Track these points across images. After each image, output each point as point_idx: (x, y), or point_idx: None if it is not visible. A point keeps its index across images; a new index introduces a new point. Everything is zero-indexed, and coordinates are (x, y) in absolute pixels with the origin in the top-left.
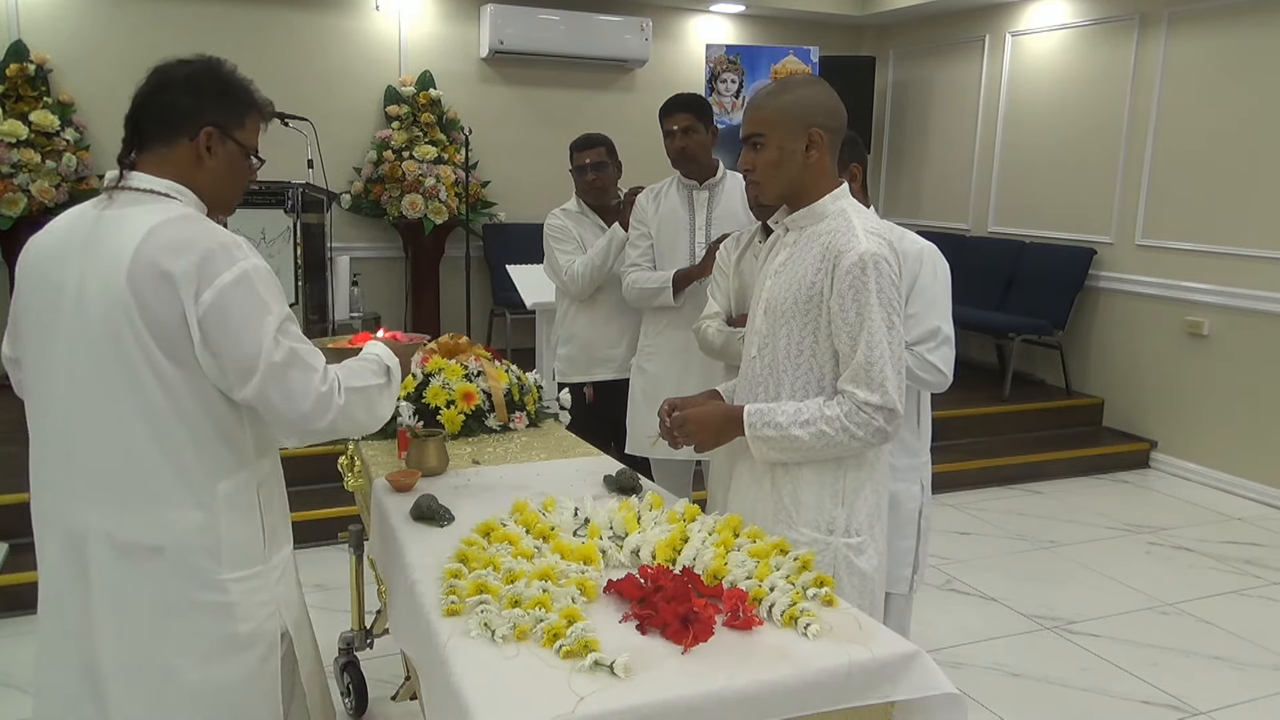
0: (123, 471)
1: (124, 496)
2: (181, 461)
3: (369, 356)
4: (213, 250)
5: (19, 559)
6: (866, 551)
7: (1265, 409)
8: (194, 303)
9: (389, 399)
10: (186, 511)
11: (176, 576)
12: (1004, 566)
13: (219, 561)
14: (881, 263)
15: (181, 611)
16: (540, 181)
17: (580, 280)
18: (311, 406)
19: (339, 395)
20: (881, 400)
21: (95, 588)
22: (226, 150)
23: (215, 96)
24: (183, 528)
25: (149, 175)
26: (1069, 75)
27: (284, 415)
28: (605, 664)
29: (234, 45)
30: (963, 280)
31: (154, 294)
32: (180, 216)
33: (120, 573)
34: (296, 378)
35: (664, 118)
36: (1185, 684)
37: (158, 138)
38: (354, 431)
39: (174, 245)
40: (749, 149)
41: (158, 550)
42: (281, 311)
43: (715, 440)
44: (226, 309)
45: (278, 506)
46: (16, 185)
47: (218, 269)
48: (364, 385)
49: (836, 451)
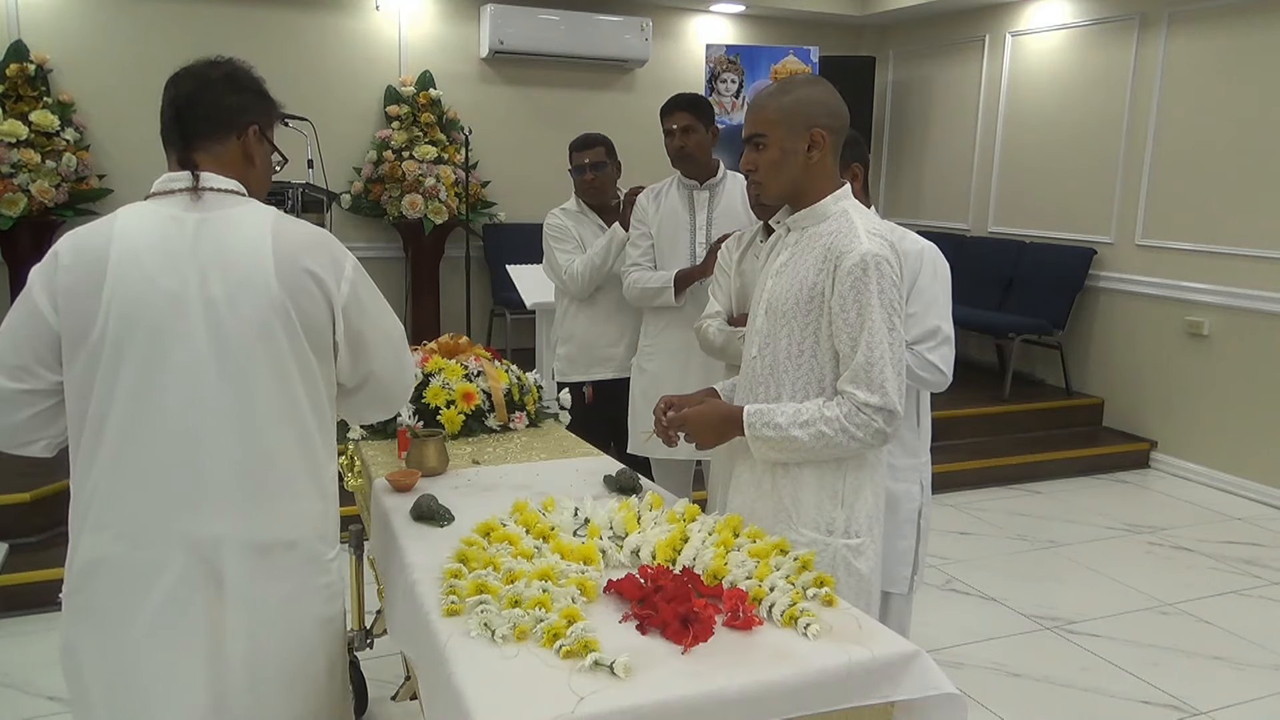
0: (258, 472)
1: (260, 496)
2: (313, 453)
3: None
4: (330, 244)
5: (19, 559)
6: (865, 553)
7: (1265, 409)
8: (338, 294)
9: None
10: (313, 501)
11: (304, 566)
12: (1004, 566)
13: (329, 544)
14: (883, 263)
15: (306, 600)
16: (540, 181)
17: (580, 280)
18: (413, 375)
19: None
20: (881, 401)
21: (230, 592)
22: (264, 149)
23: (256, 96)
24: (309, 517)
25: (219, 175)
26: (1069, 75)
27: (401, 386)
28: (605, 664)
29: (234, 45)
30: (963, 280)
31: (306, 292)
32: (281, 215)
33: (256, 573)
34: (407, 350)
35: (664, 117)
36: (1185, 684)
37: (210, 136)
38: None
39: (306, 243)
40: (751, 149)
41: (292, 545)
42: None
43: (714, 439)
44: (360, 295)
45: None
46: (16, 185)
47: (343, 260)
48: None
49: (836, 452)
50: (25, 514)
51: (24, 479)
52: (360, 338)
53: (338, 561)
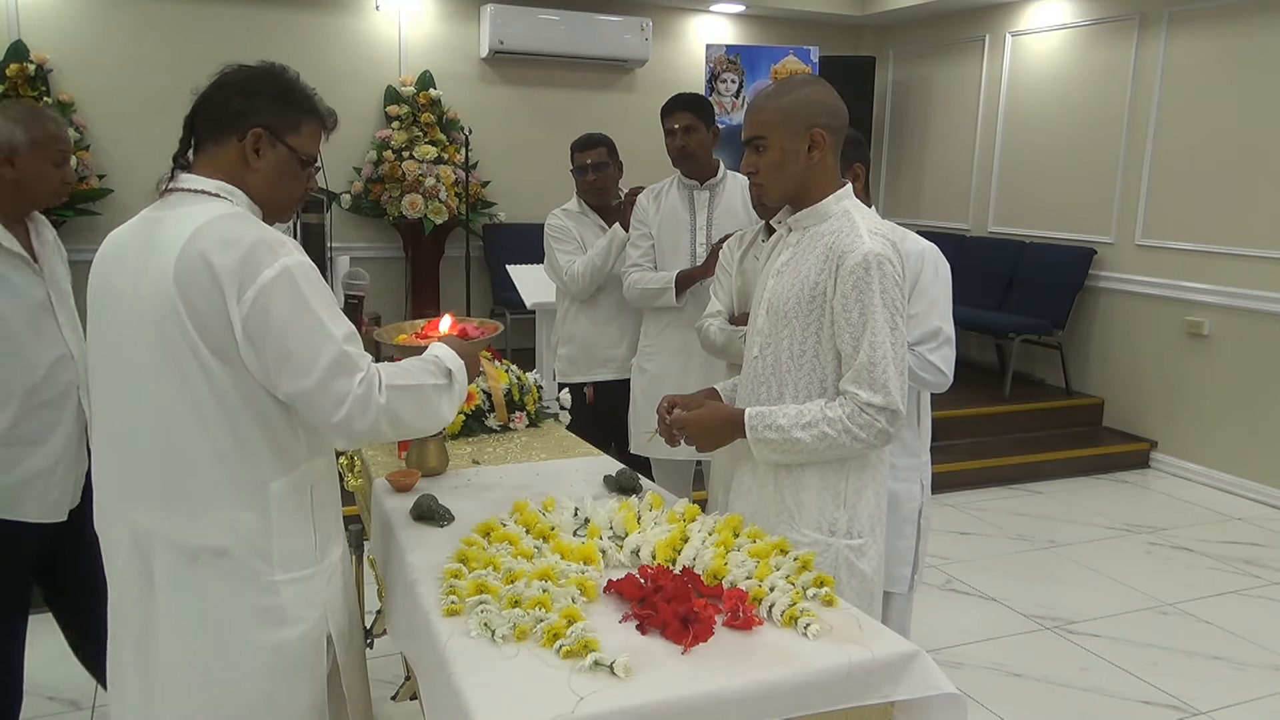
0: (181, 473)
1: (184, 498)
2: (232, 462)
3: (429, 357)
4: (255, 247)
5: None
6: (868, 553)
7: (1265, 409)
8: (237, 300)
9: (449, 401)
10: (240, 512)
11: (236, 579)
12: (1004, 566)
13: (270, 563)
14: (885, 263)
15: (238, 615)
16: (540, 181)
17: (580, 280)
18: (350, 408)
19: (379, 394)
20: (884, 401)
21: (159, 590)
22: (276, 153)
23: (269, 99)
24: (238, 528)
25: (200, 176)
26: (1069, 75)
27: (325, 417)
28: (605, 664)
29: (234, 45)
30: (963, 280)
31: (199, 291)
32: (229, 214)
33: (185, 576)
34: (336, 378)
35: (665, 117)
36: (1185, 684)
37: (211, 137)
38: (407, 433)
39: (218, 242)
40: (751, 151)
41: (222, 552)
42: (323, 309)
43: (715, 443)
44: (268, 307)
45: (331, 507)
46: None
47: (260, 266)
48: (413, 384)
49: (839, 453)
50: None
51: None
52: (263, 354)
53: (298, 587)
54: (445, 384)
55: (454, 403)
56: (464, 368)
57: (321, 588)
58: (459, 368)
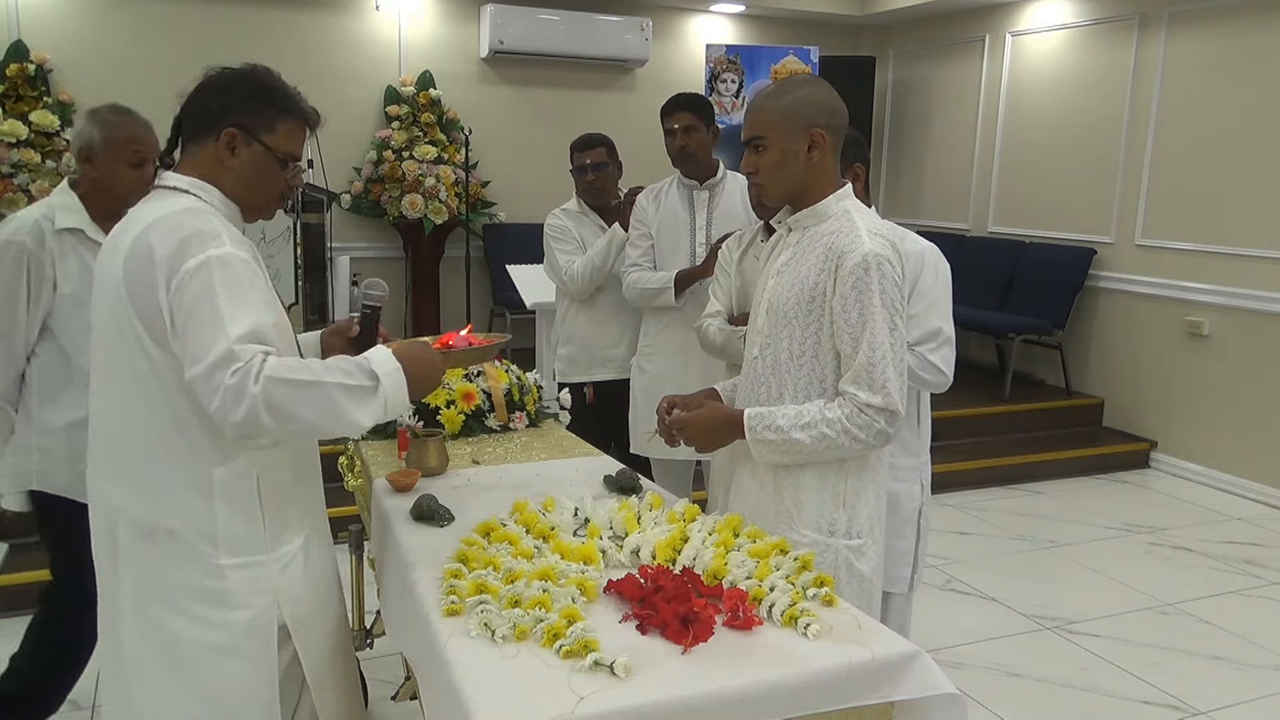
0: (134, 456)
1: (140, 478)
2: (175, 447)
3: (355, 358)
4: (189, 238)
5: (19, 559)
6: (867, 554)
7: (1265, 409)
8: (165, 289)
9: (364, 405)
10: (188, 497)
11: (185, 560)
12: (1004, 566)
13: (216, 547)
14: (884, 263)
15: (188, 595)
16: (540, 181)
17: (580, 280)
18: (222, 398)
19: (253, 384)
20: (883, 402)
21: (122, 564)
22: (251, 152)
23: (245, 100)
24: (186, 512)
25: (178, 174)
26: (1069, 75)
27: (207, 406)
28: (605, 664)
29: (234, 45)
30: (963, 280)
31: (139, 279)
32: (185, 209)
33: (142, 553)
34: (217, 370)
35: (665, 117)
36: (1185, 684)
37: (191, 138)
38: (305, 430)
39: (162, 233)
40: (751, 151)
41: (171, 533)
42: (231, 302)
43: (714, 444)
44: (184, 294)
45: (290, 497)
46: (16, 185)
47: (186, 255)
48: (304, 379)
49: (838, 454)
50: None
51: None
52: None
53: (244, 573)
54: (361, 385)
55: (372, 408)
56: (400, 371)
57: (272, 575)
58: (390, 372)
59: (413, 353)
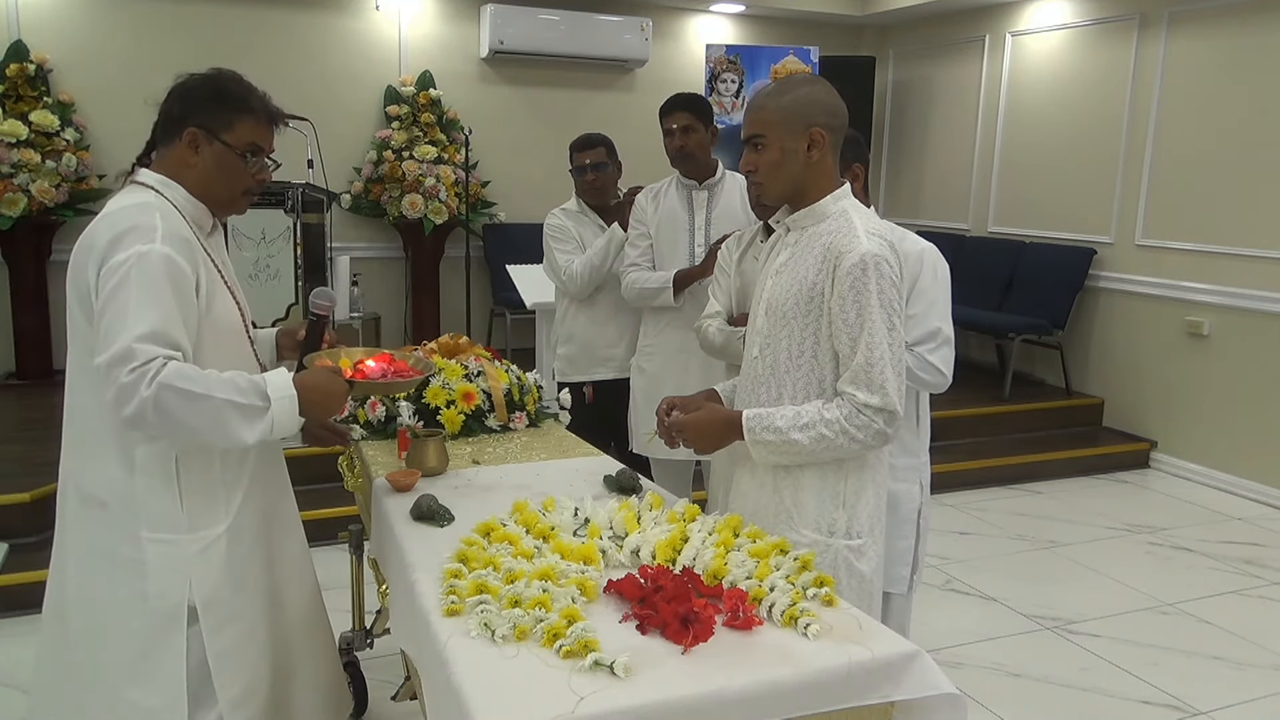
0: (83, 428)
1: (79, 448)
2: (108, 422)
3: (253, 377)
4: (126, 231)
5: (19, 559)
6: (867, 554)
7: (1265, 409)
8: (96, 274)
9: (251, 425)
10: (115, 470)
11: (112, 529)
12: (1004, 566)
13: (137, 519)
14: (882, 264)
15: (112, 562)
16: (540, 181)
17: (579, 280)
18: (116, 393)
19: (146, 386)
20: (882, 402)
21: (66, 529)
22: (213, 150)
23: (203, 102)
24: (115, 486)
25: (148, 171)
26: (1069, 75)
27: (104, 396)
28: (605, 664)
29: (234, 45)
30: (963, 280)
31: (80, 262)
32: (138, 204)
33: (79, 518)
34: (116, 364)
35: (664, 117)
36: (1185, 684)
37: (162, 141)
38: (188, 435)
39: (109, 224)
40: (750, 150)
41: (102, 503)
42: (142, 301)
43: (713, 445)
44: (106, 284)
45: (219, 483)
46: (16, 185)
47: (118, 248)
48: (197, 391)
49: (837, 454)
50: (25, 514)
51: (24, 479)
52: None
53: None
54: (251, 405)
55: (259, 428)
56: (294, 398)
57: (188, 556)
58: (282, 397)
59: (313, 380)
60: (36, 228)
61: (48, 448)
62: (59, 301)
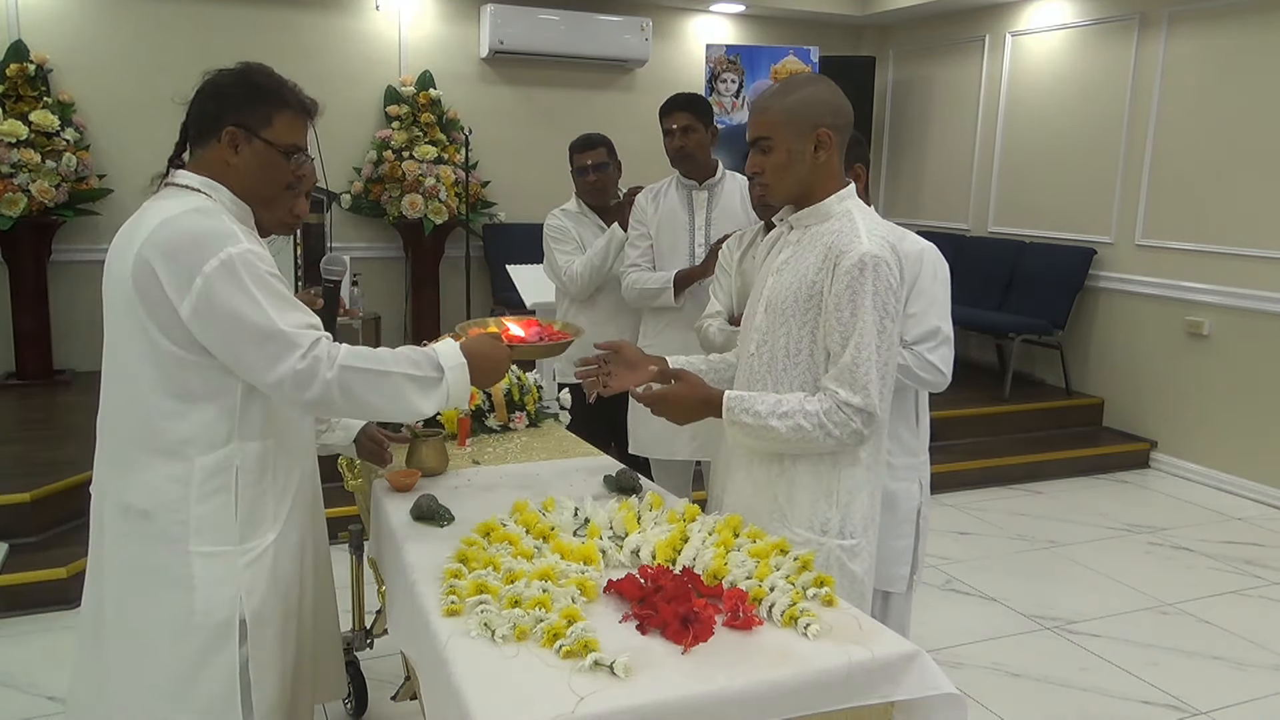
0: (124, 440)
1: (125, 462)
2: (166, 435)
3: (424, 349)
4: (203, 237)
5: (19, 559)
6: (860, 554)
7: (1265, 409)
8: (187, 287)
9: (428, 395)
10: (166, 481)
11: (156, 543)
12: (1004, 566)
13: (185, 531)
14: (881, 265)
15: (155, 577)
16: (540, 181)
17: (580, 280)
18: (294, 381)
19: (327, 369)
20: (863, 402)
21: (105, 544)
22: (253, 148)
23: (239, 99)
24: (164, 497)
25: (189, 172)
26: (1069, 75)
27: (269, 389)
28: (605, 664)
29: (234, 45)
30: (963, 280)
31: (152, 276)
32: (194, 209)
33: (120, 529)
34: (271, 353)
35: (663, 117)
36: (1185, 684)
37: (196, 141)
38: (370, 412)
39: (175, 231)
40: (757, 152)
41: (146, 515)
42: (264, 294)
43: (688, 419)
44: (211, 294)
45: (269, 493)
46: (16, 185)
47: (205, 256)
48: (375, 369)
49: (811, 447)
50: (25, 514)
51: (24, 479)
52: (214, 338)
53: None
54: (426, 376)
55: (436, 398)
56: (465, 366)
57: (238, 569)
58: (455, 366)
59: (479, 348)
60: (36, 228)
61: (48, 448)
62: (59, 301)
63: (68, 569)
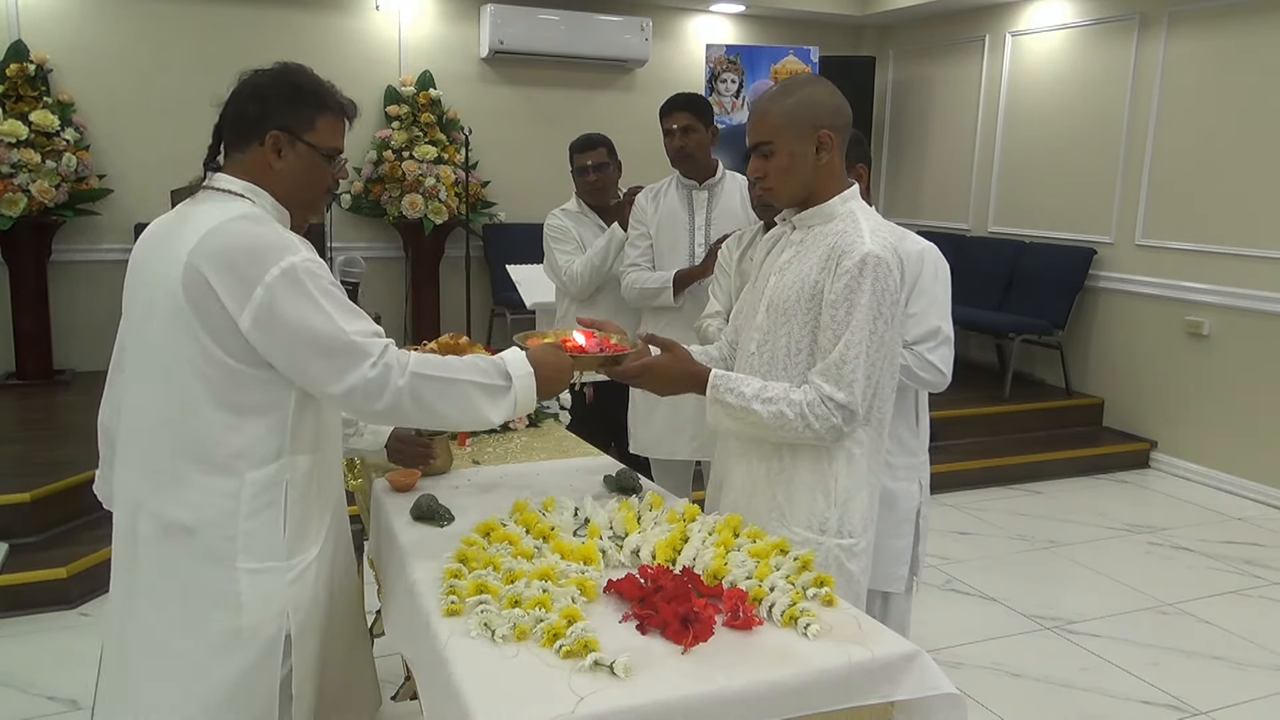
0: (167, 453)
1: (166, 476)
2: (216, 449)
3: (491, 358)
4: (260, 247)
5: (19, 559)
6: (858, 554)
7: (1265, 409)
8: (247, 298)
9: (497, 404)
10: (212, 496)
11: (200, 560)
12: (1004, 566)
13: (235, 550)
14: (881, 266)
15: (198, 595)
16: (540, 181)
17: (580, 280)
18: (364, 390)
19: (399, 377)
20: (845, 400)
21: (140, 562)
22: (297, 152)
23: (281, 101)
24: (210, 512)
25: (229, 176)
26: (1069, 75)
27: (336, 400)
28: (605, 664)
29: (234, 45)
30: (963, 280)
31: (205, 286)
32: (242, 215)
33: (159, 547)
34: (341, 364)
35: (663, 117)
36: (1185, 684)
37: (235, 145)
38: (441, 421)
39: (229, 242)
40: (759, 156)
41: (190, 531)
42: (329, 302)
43: (671, 391)
44: (274, 305)
45: (314, 507)
46: (16, 185)
47: (265, 266)
48: (445, 377)
49: (789, 436)
50: (25, 514)
51: (24, 479)
52: (277, 349)
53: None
54: (494, 385)
55: (504, 406)
56: (532, 375)
57: (283, 585)
58: (523, 375)
59: (545, 357)
60: (36, 228)
61: (48, 448)
62: (59, 301)
63: (68, 569)
